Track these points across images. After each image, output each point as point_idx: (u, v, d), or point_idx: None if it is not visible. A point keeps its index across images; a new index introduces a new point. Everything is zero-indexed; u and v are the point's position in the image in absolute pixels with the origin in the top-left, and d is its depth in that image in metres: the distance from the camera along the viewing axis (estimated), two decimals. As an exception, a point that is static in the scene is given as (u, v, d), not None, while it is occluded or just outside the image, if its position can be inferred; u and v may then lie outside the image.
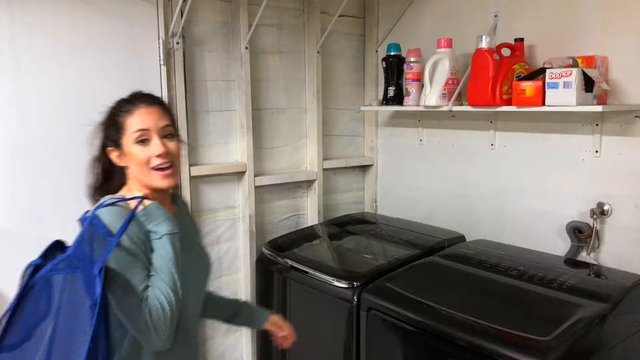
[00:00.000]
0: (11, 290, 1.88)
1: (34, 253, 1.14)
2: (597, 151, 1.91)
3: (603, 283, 1.70)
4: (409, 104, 2.34)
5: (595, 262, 1.90)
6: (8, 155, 1.90)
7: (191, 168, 2.23)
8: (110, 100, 1.27)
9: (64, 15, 1.95)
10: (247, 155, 2.36)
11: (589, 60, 1.77)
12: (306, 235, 2.45)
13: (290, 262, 2.13)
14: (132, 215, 1.15)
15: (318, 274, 1.96)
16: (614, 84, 1.83)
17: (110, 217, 1.14)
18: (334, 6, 2.51)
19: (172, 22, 2.14)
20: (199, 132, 2.29)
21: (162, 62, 2.15)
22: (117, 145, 1.26)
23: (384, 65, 2.47)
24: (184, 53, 2.21)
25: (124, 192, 1.27)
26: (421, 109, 2.25)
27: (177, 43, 2.18)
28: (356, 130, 2.82)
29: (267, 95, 2.50)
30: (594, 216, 1.89)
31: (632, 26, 1.78)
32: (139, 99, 1.28)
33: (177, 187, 1.51)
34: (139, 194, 1.22)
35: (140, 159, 1.23)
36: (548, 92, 1.77)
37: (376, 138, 2.80)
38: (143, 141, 1.23)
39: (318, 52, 2.54)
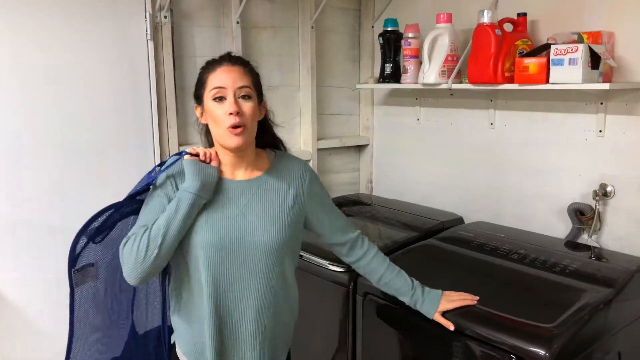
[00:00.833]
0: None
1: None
2: (600, 131, 1.85)
3: (607, 267, 1.66)
4: (407, 82, 2.27)
5: (597, 245, 1.86)
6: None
7: (180, 148, 2.16)
8: (93, 77, 1.21)
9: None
10: (239, 135, 2.29)
11: (595, 36, 1.71)
12: (300, 217, 2.39)
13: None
14: (168, 166, 1.27)
15: (314, 257, 1.91)
16: (619, 61, 1.76)
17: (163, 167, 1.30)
18: (328, -21, 2.41)
19: (159, -5, 2.05)
20: (188, 110, 2.20)
21: (149, 37, 2.06)
22: (200, 101, 1.31)
23: (381, 41, 2.38)
24: (172, 27, 2.13)
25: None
26: (419, 86, 2.19)
27: (165, 17, 2.09)
28: (351, 109, 2.74)
29: (260, 72, 2.39)
30: (597, 198, 1.85)
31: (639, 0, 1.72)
32: (225, 58, 1.31)
33: (278, 148, 1.45)
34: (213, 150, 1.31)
35: (214, 116, 1.26)
36: (553, 69, 1.71)
37: (372, 117, 2.73)
38: (220, 99, 1.26)
39: (312, 28, 2.45)
